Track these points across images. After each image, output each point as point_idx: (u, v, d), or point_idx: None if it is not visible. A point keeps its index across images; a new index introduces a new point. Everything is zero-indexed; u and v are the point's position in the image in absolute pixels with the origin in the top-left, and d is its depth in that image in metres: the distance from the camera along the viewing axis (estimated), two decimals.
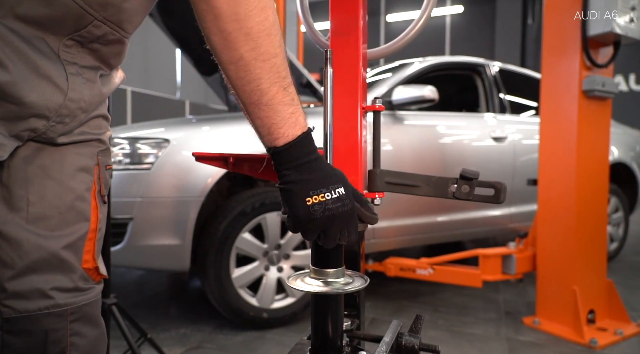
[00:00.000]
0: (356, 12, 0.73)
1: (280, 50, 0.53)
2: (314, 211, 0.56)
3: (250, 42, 0.51)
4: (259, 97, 0.53)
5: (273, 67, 0.53)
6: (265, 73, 0.52)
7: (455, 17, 12.30)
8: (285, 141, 0.55)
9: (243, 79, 0.53)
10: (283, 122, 0.54)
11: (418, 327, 0.65)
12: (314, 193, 0.55)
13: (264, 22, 0.51)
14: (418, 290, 2.70)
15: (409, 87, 2.39)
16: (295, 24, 5.60)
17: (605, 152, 2.16)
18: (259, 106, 0.54)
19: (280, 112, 0.54)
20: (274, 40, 0.52)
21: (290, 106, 0.55)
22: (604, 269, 2.16)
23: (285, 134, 0.55)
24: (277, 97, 0.53)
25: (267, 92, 0.53)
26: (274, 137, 0.55)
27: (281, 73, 0.54)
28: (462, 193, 0.70)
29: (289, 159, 0.56)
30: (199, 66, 3.01)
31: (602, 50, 2.06)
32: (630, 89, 9.77)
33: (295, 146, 0.55)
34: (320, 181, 0.56)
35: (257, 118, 0.55)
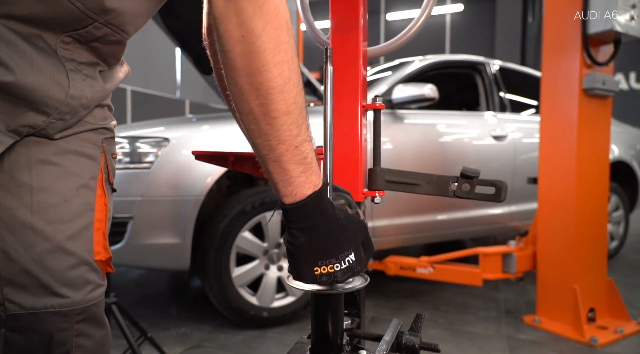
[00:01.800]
0: (356, 10, 0.72)
1: (294, 107, 0.50)
2: (321, 281, 0.53)
3: (260, 98, 0.48)
4: (267, 152, 0.50)
5: (283, 125, 0.49)
6: (274, 130, 0.49)
7: (456, 16, 12.29)
8: (292, 200, 0.51)
9: (253, 132, 0.50)
10: (291, 180, 0.51)
11: (418, 326, 0.65)
12: (322, 264, 0.52)
13: (276, 78, 0.48)
14: (418, 288, 2.71)
15: (409, 86, 2.39)
16: (295, 22, 5.59)
17: (606, 150, 2.16)
18: (267, 161, 0.51)
19: (289, 171, 0.51)
20: (287, 97, 0.49)
21: (301, 165, 0.51)
22: (604, 267, 2.16)
23: (293, 193, 0.51)
24: (285, 155, 0.50)
25: (275, 149, 0.50)
26: (281, 193, 0.52)
27: (292, 131, 0.50)
28: (463, 192, 0.69)
29: (297, 219, 0.52)
30: (199, 65, 3.01)
31: (602, 48, 2.06)
32: (630, 87, 9.76)
33: (303, 206, 0.51)
34: (331, 249, 0.52)
35: (266, 171, 0.52)
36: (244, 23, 0.46)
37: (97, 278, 0.61)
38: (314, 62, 4.82)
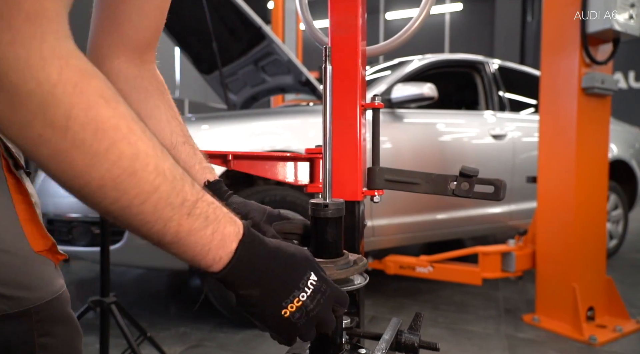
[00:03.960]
0: (355, 10, 0.72)
1: (161, 179, 0.38)
2: (296, 320, 0.46)
3: (110, 195, 0.36)
4: (160, 238, 0.41)
5: (158, 203, 0.38)
6: (149, 215, 0.39)
7: (455, 15, 12.29)
8: (222, 264, 0.43)
9: (131, 226, 0.40)
10: (206, 248, 0.42)
11: (418, 325, 0.65)
12: (287, 303, 0.45)
13: (115, 165, 0.35)
14: (418, 287, 2.71)
15: (408, 85, 2.39)
16: (294, 21, 5.59)
17: (605, 149, 2.16)
18: (167, 246, 0.42)
19: (196, 242, 0.41)
20: (144, 175, 0.37)
21: (207, 227, 0.42)
22: (603, 266, 2.16)
23: (218, 257, 0.43)
24: (181, 230, 0.40)
25: (166, 232, 0.40)
26: (205, 265, 0.43)
27: (174, 201, 0.39)
28: (462, 191, 0.70)
29: (240, 279, 0.44)
30: (198, 64, 3.01)
31: (601, 47, 2.06)
32: (629, 86, 9.77)
33: (238, 263, 0.43)
34: (288, 283, 0.45)
35: (176, 255, 0.43)
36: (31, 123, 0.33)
37: (48, 270, 0.55)
38: (313, 62, 4.83)
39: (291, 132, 2.15)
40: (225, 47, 2.60)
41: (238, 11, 2.26)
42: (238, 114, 2.34)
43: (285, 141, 2.09)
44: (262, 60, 2.58)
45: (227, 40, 2.57)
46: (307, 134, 2.17)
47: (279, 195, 2.04)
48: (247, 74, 2.81)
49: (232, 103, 3.14)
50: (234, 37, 2.54)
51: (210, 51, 2.55)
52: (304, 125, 2.21)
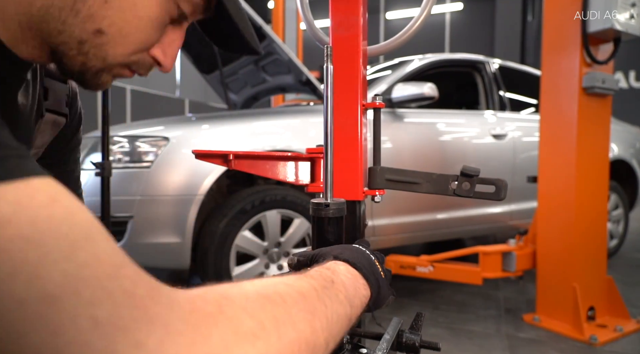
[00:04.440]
0: (356, 9, 0.72)
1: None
2: (386, 274, 0.59)
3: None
4: (346, 327, 0.45)
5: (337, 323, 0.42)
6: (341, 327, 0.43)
7: (455, 15, 12.29)
8: (368, 294, 0.52)
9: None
10: (358, 294, 0.49)
11: (419, 324, 0.65)
12: (379, 269, 0.56)
13: (31, 283, 0.23)
14: (418, 287, 2.71)
15: (408, 85, 2.39)
16: (294, 21, 5.58)
17: (605, 149, 2.16)
18: (348, 328, 0.46)
19: (354, 298, 0.47)
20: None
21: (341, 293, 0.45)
22: (603, 266, 2.16)
23: (361, 286, 0.51)
24: (345, 311, 0.44)
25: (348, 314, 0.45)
26: (364, 307, 0.51)
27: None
28: (463, 190, 0.69)
29: (375, 290, 0.54)
30: (199, 64, 3.01)
31: (602, 46, 2.06)
32: (630, 86, 9.77)
33: (372, 284, 0.53)
34: (370, 258, 0.56)
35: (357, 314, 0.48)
36: None
37: None
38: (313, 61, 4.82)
39: (292, 131, 2.15)
40: None
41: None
42: (238, 114, 2.34)
43: (286, 141, 2.09)
44: (263, 59, 2.58)
45: None
46: (308, 134, 2.17)
47: (279, 195, 2.04)
48: (248, 74, 2.81)
49: (233, 103, 3.14)
50: None
51: (211, 51, 2.55)
52: (304, 125, 2.21)
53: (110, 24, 0.42)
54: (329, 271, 0.46)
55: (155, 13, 0.44)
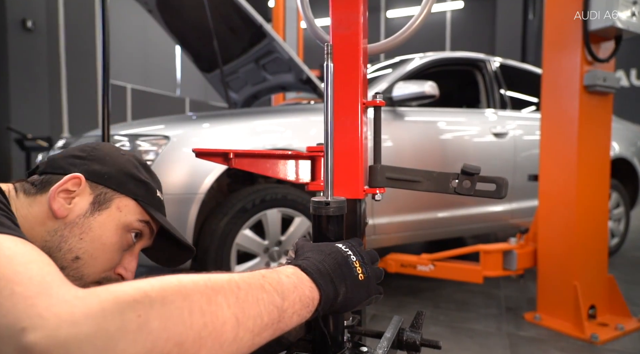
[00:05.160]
0: (357, 7, 0.72)
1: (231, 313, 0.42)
2: (369, 275, 0.58)
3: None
4: (279, 322, 0.47)
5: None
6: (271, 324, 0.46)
7: (456, 13, 12.26)
8: (317, 293, 0.52)
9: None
10: (298, 292, 0.50)
11: (419, 323, 0.65)
12: (355, 270, 0.56)
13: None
14: (419, 286, 2.71)
15: (409, 83, 2.39)
16: (295, 19, 5.58)
17: (607, 147, 2.15)
18: (280, 324, 0.47)
19: (288, 303, 0.48)
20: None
21: (277, 288, 0.48)
22: (605, 264, 2.16)
23: (309, 288, 0.51)
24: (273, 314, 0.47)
25: (274, 317, 0.46)
26: (316, 301, 0.51)
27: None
28: (464, 189, 0.69)
29: (330, 294, 0.53)
30: (199, 63, 3.01)
31: (603, 44, 2.05)
32: (631, 84, 9.74)
33: (322, 288, 0.52)
34: (344, 259, 0.57)
35: (299, 320, 0.50)
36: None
37: None
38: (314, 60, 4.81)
39: (292, 130, 2.15)
40: (226, 46, 2.60)
41: (239, 9, 2.26)
42: (239, 112, 2.34)
43: (287, 139, 2.09)
44: (263, 58, 2.58)
45: (228, 39, 2.57)
46: (308, 132, 2.16)
47: (279, 193, 2.04)
48: (248, 72, 2.80)
49: (233, 101, 3.13)
50: (235, 35, 2.53)
51: (211, 49, 2.54)
52: (305, 123, 2.21)
53: (84, 252, 0.63)
54: (270, 271, 0.50)
55: (115, 240, 0.67)
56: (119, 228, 0.67)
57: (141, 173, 0.73)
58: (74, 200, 0.65)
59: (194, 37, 2.78)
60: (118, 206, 0.67)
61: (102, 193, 0.67)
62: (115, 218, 0.67)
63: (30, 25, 6.56)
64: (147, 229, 0.72)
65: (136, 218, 0.69)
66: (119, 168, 0.70)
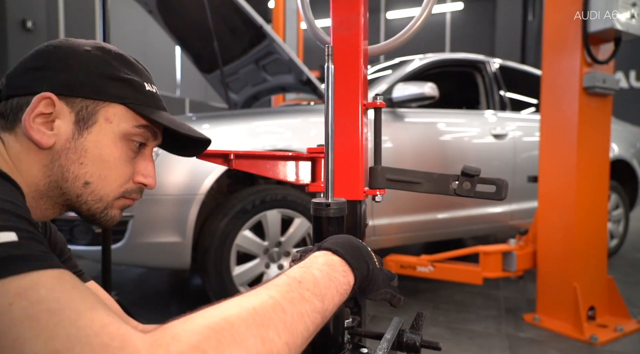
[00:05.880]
0: (357, 9, 0.72)
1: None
2: (381, 266, 0.60)
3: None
4: (320, 323, 0.48)
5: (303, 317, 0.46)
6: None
7: (456, 14, 12.28)
8: (352, 276, 0.53)
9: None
10: (334, 280, 0.50)
11: (419, 324, 0.65)
12: (373, 259, 0.58)
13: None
14: (418, 287, 2.71)
15: (409, 84, 2.39)
16: (295, 21, 5.58)
17: (606, 148, 2.16)
18: (324, 321, 0.48)
19: (329, 287, 0.49)
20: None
21: (316, 275, 0.50)
22: (604, 266, 2.16)
23: (345, 272, 0.52)
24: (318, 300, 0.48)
25: (325, 307, 0.48)
26: (352, 282, 0.53)
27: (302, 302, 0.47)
28: (464, 190, 0.69)
29: (363, 272, 0.55)
30: (199, 64, 3.01)
31: (602, 46, 2.05)
32: (630, 86, 9.75)
33: (356, 269, 0.54)
34: (364, 246, 0.58)
35: (340, 301, 0.51)
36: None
37: None
38: (314, 61, 4.82)
39: (292, 131, 2.15)
40: (226, 46, 2.60)
41: (239, 10, 2.26)
42: (239, 113, 2.34)
43: (286, 140, 2.09)
44: (263, 59, 2.58)
45: (228, 40, 2.57)
46: (308, 133, 2.17)
47: (279, 194, 2.04)
48: (248, 73, 2.80)
49: (233, 102, 3.13)
50: (235, 36, 2.54)
51: (211, 50, 2.54)
52: (305, 125, 2.21)
53: (90, 175, 0.59)
54: (303, 269, 0.50)
55: (118, 153, 0.60)
56: (116, 140, 0.59)
57: (118, 69, 0.61)
58: (54, 124, 0.56)
59: (194, 38, 2.78)
60: (106, 117, 0.58)
61: (82, 108, 0.57)
62: (108, 131, 0.58)
63: (30, 25, 6.56)
64: (149, 131, 0.63)
65: (131, 124, 0.60)
66: (89, 71, 0.58)
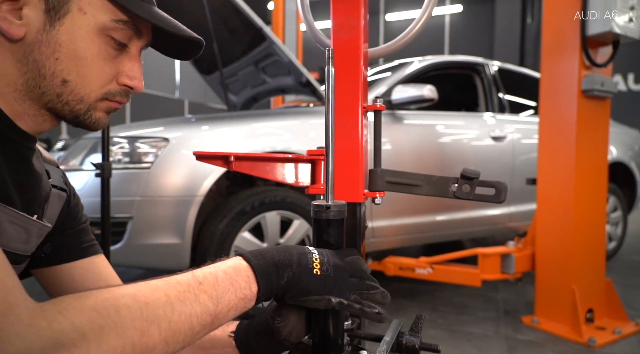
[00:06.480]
0: (358, 11, 0.72)
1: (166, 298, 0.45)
2: (327, 273, 0.54)
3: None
4: (217, 315, 0.48)
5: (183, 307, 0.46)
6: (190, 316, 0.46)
7: (455, 17, 12.30)
8: (254, 281, 0.51)
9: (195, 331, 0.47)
10: (234, 285, 0.49)
11: (419, 326, 0.65)
12: (310, 263, 0.54)
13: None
14: (417, 289, 2.71)
15: (408, 87, 2.39)
16: (294, 22, 5.59)
17: (604, 151, 2.16)
18: (224, 315, 0.49)
19: (227, 289, 0.49)
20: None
21: (216, 273, 0.50)
22: (602, 268, 2.16)
23: (247, 278, 0.51)
24: (212, 297, 0.48)
25: (208, 310, 0.47)
26: (254, 294, 0.51)
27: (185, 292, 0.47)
28: (463, 193, 0.70)
29: (272, 277, 0.52)
30: (199, 65, 3.01)
31: (601, 49, 2.06)
32: (628, 89, 9.78)
33: (259, 268, 0.51)
34: (300, 253, 0.55)
35: (235, 313, 0.50)
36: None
37: None
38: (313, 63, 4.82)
39: (291, 133, 2.15)
40: (226, 48, 2.60)
41: (239, 12, 2.27)
42: (238, 115, 2.34)
43: (285, 142, 2.09)
44: (263, 61, 2.59)
45: (228, 41, 2.57)
46: (307, 135, 2.17)
47: (279, 196, 2.04)
48: (248, 75, 2.81)
49: (232, 104, 3.14)
50: (235, 37, 2.54)
51: (211, 52, 2.55)
52: (304, 126, 2.21)
53: (68, 73, 0.54)
54: (210, 269, 0.50)
55: (95, 49, 0.54)
56: (92, 35, 0.53)
57: None
58: (22, 12, 0.51)
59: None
60: (79, 7, 0.52)
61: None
62: (82, 24, 0.52)
63: None
64: (130, 28, 0.56)
65: (109, 17, 0.53)
66: None
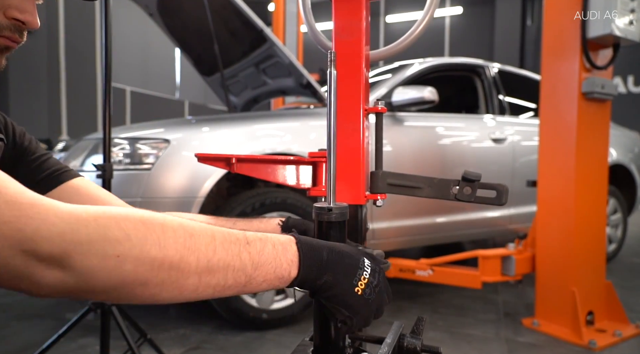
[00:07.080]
0: (359, 14, 0.73)
1: (211, 239, 0.44)
2: (368, 297, 0.51)
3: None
4: (246, 273, 0.46)
5: (223, 249, 0.45)
6: (226, 262, 0.45)
7: (455, 18, 12.33)
8: (296, 266, 0.49)
9: (226, 280, 0.46)
10: (277, 260, 0.48)
11: (420, 328, 0.65)
12: (357, 281, 0.51)
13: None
14: (417, 291, 2.71)
15: (408, 88, 2.40)
16: (295, 24, 5.60)
17: (604, 153, 2.16)
18: (255, 278, 0.47)
19: (267, 260, 0.47)
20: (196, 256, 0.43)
21: (266, 245, 0.48)
22: (602, 270, 2.16)
23: (289, 261, 0.49)
24: (252, 256, 0.47)
25: (245, 264, 0.46)
26: (286, 274, 0.49)
27: (231, 241, 0.46)
28: (464, 195, 0.70)
29: (313, 272, 0.49)
30: (199, 66, 3.02)
31: (601, 52, 2.06)
32: (628, 91, 9.80)
33: (305, 258, 0.49)
34: (352, 264, 0.51)
35: (265, 281, 0.48)
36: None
37: None
38: (313, 64, 4.83)
39: (292, 134, 2.15)
40: (227, 49, 2.61)
41: (240, 13, 2.27)
42: (239, 116, 2.34)
43: (286, 143, 2.09)
44: (263, 62, 2.59)
45: (229, 42, 2.58)
46: (308, 137, 2.17)
47: (279, 198, 2.04)
48: (248, 76, 2.81)
49: (233, 105, 3.14)
50: (236, 39, 2.54)
51: (212, 53, 2.55)
52: (304, 128, 2.22)
53: None
54: (261, 237, 0.49)
55: None
56: None
57: None
58: None
59: (194, 41, 2.78)
60: None
61: None
62: None
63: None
64: None
65: None
66: None
